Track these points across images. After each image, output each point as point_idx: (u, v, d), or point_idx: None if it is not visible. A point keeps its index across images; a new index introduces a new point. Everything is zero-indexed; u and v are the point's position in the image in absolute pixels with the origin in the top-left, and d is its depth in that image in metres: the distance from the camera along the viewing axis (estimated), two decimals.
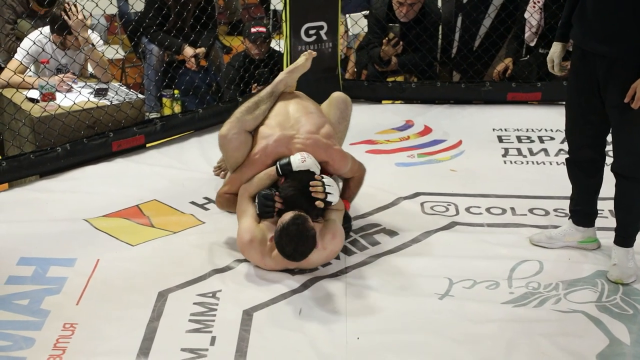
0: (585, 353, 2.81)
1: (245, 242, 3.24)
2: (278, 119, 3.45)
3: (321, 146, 3.38)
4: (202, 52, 5.39)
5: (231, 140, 3.38)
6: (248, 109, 3.45)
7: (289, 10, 4.92)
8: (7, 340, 2.82)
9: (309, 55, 3.71)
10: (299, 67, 3.68)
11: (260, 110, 3.46)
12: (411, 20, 5.26)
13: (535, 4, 5.11)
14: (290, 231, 3.04)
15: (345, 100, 3.72)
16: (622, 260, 3.25)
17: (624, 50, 3.01)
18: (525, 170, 4.33)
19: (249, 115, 3.43)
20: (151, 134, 4.58)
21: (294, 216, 3.07)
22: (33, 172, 4.15)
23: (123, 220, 3.72)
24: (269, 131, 3.40)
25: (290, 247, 3.06)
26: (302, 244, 3.06)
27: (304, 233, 3.05)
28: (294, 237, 3.04)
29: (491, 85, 5.24)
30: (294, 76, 3.68)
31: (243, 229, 3.26)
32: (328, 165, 3.41)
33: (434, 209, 3.85)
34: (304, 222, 3.06)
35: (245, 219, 3.28)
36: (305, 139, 3.36)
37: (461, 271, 3.30)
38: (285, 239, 3.05)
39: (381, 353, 2.80)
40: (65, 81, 4.54)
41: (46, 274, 3.24)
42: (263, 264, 3.25)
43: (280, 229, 3.06)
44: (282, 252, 3.10)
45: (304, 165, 3.24)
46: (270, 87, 3.57)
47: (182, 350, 2.78)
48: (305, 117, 3.47)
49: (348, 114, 3.73)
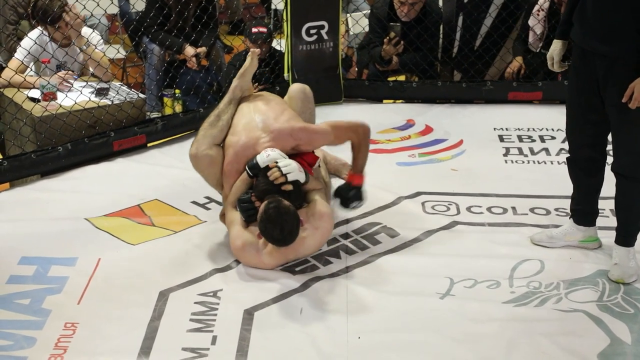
0: (586, 352, 2.81)
1: (238, 247, 3.26)
2: (242, 123, 3.41)
3: (285, 133, 3.34)
4: (203, 52, 5.38)
5: (202, 158, 3.36)
6: (211, 123, 3.42)
7: (289, 9, 4.93)
8: (8, 339, 2.82)
9: (252, 54, 3.64)
10: (248, 68, 3.60)
11: (223, 120, 3.42)
12: (412, 19, 5.26)
13: (539, 12, 5.11)
14: (269, 215, 3.04)
15: (304, 90, 3.68)
16: (623, 260, 3.25)
17: (623, 50, 3.01)
18: (526, 169, 4.33)
19: (214, 128, 3.40)
20: (152, 134, 4.58)
21: (267, 201, 3.08)
22: (34, 171, 4.15)
23: (124, 219, 3.72)
24: (236, 138, 3.37)
25: (276, 231, 3.05)
26: (286, 222, 3.05)
27: (283, 211, 3.05)
28: (276, 218, 3.03)
29: (492, 84, 5.24)
30: (246, 78, 3.60)
31: (233, 237, 3.28)
32: (301, 147, 3.37)
33: (435, 208, 3.85)
34: (279, 203, 3.07)
35: (234, 227, 3.29)
36: (269, 135, 3.33)
37: (462, 270, 3.30)
38: (268, 225, 3.05)
39: (382, 352, 2.81)
40: (66, 80, 4.54)
41: (47, 274, 3.24)
42: (261, 263, 3.25)
43: (260, 219, 3.07)
44: (272, 239, 3.10)
45: (269, 160, 3.23)
46: (226, 96, 3.53)
47: (183, 350, 2.78)
48: (266, 112, 3.43)
49: (309, 101, 3.68)
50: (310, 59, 5.07)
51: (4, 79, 4.48)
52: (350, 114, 5.01)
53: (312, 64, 5.04)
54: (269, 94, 3.71)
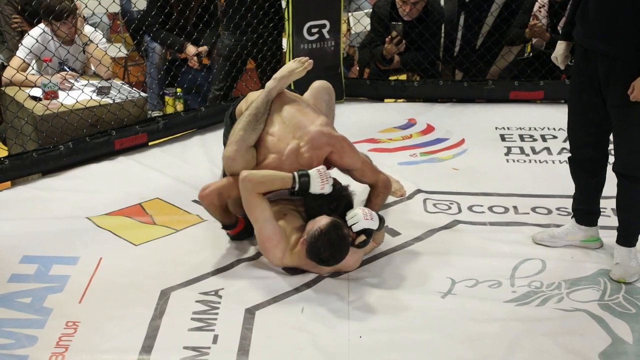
0: (587, 352, 2.81)
1: (274, 244, 3.17)
2: (279, 126, 3.37)
3: (324, 139, 3.34)
4: (204, 51, 5.39)
5: (239, 161, 3.29)
6: (249, 123, 3.34)
7: (291, 8, 4.93)
8: (9, 338, 2.82)
9: (308, 63, 3.57)
10: (294, 74, 3.53)
11: (260, 123, 3.37)
12: (414, 18, 5.26)
13: (541, 9, 5.11)
14: (330, 237, 3.01)
15: (328, 90, 3.66)
16: (625, 260, 3.24)
17: (625, 49, 3.01)
18: (528, 168, 4.33)
19: (252, 132, 3.33)
20: (154, 133, 4.58)
21: (333, 222, 3.05)
22: (36, 170, 4.16)
23: (126, 218, 3.72)
24: (277, 144, 3.31)
25: (327, 253, 3.04)
26: (340, 250, 3.06)
27: (343, 240, 3.05)
28: (334, 243, 3.03)
29: (494, 83, 5.24)
30: (288, 82, 3.53)
31: (272, 232, 3.17)
32: (333, 155, 3.36)
33: (437, 207, 3.85)
34: (342, 230, 3.06)
35: (269, 221, 3.18)
36: (309, 144, 3.31)
37: (463, 270, 3.30)
38: (323, 245, 3.02)
39: (383, 351, 2.80)
40: (67, 79, 4.54)
41: (49, 272, 3.25)
42: (281, 262, 3.22)
43: (318, 234, 3.02)
44: (316, 257, 3.07)
45: (321, 192, 3.19)
46: (264, 95, 3.43)
47: (184, 349, 2.78)
48: (302, 117, 3.40)
49: (333, 102, 3.68)
50: (312, 58, 4.99)
51: (6, 77, 4.48)
52: (352, 113, 5.03)
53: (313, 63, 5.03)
54: (298, 95, 3.61)
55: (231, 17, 4.98)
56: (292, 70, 3.52)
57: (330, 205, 3.19)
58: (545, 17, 5.13)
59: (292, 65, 3.55)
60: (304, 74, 3.56)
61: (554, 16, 5.09)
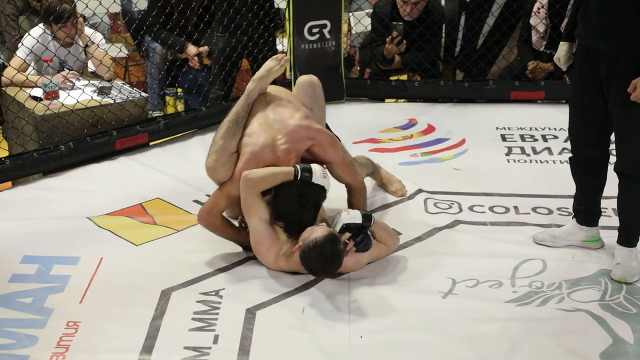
0: (588, 352, 2.81)
1: (265, 247, 3.19)
2: (258, 122, 3.35)
3: (303, 132, 3.31)
4: (205, 51, 5.39)
5: (220, 170, 3.30)
6: (228, 130, 3.32)
7: (292, 8, 4.92)
8: (10, 338, 2.82)
9: (284, 60, 3.51)
10: (272, 73, 3.48)
11: (240, 127, 3.34)
12: (415, 18, 5.26)
13: (540, 10, 5.10)
14: (324, 250, 2.99)
15: (312, 84, 3.61)
16: (626, 260, 3.24)
17: (626, 49, 3.01)
18: (529, 169, 4.33)
19: (232, 138, 3.31)
20: (154, 133, 4.58)
21: (329, 236, 3.02)
22: (36, 170, 4.16)
23: (126, 218, 3.72)
24: (253, 139, 3.29)
25: (318, 265, 3.03)
26: (332, 265, 3.05)
27: (337, 255, 3.03)
28: (326, 257, 3.01)
29: (494, 83, 5.24)
30: (267, 82, 3.49)
31: (263, 235, 3.19)
32: (315, 147, 3.34)
33: (437, 207, 3.85)
34: (338, 243, 3.03)
35: (261, 222, 3.19)
36: (287, 136, 3.28)
37: (464, 270, 3.30)
38: (316, 257, 3.00)
39: (384, 351, 2.80)
40: (68, 78, 4.54)
41: (50, 272, 3.25)
42: (276, 265, 3.23)
43: (313, 245, 3.00)
44: (307, 267, 3.06)
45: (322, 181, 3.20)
46: (243, 99, 3.41)
47: (185, 349, 2.78)
48: (281, 111, 3.38)
49: (318, 96, 3.61)
50: (313, 58, 5.07)
51: (6, 77, 4.49)
52: (353, 113, 5.03)
53: (314, 63, 5.03)
54: (280, 88, 3.61)
55: (220, 19, 5.00)
56: (269, 69, 3.49)
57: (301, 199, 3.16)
58: (544, 18, 5.13)
59: (269, 64, 3.51)
60: (282, 71, 3.54)
61: (555, 16, 5.08)
